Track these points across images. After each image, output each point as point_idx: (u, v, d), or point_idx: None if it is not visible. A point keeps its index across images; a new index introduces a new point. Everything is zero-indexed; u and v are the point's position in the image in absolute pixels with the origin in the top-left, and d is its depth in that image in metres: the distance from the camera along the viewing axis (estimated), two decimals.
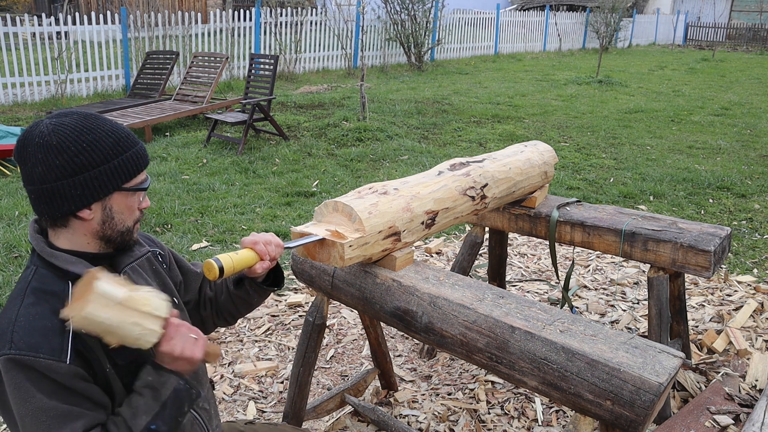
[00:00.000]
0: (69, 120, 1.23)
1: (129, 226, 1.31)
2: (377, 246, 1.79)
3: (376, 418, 2.46)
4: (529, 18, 19.27)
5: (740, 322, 3.25)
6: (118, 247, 1.33)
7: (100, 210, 1.26)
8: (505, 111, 9.40)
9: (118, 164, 1.25)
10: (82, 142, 1.21)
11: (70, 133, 1.21)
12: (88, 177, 1.22)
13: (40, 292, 1.22)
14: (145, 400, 1.22)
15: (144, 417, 1.21)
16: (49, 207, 1.23)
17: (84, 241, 1.28)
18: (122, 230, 1.30)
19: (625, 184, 5.81)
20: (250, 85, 7.53)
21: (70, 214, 1.24)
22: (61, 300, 1.21)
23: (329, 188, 5.63)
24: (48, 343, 1.17)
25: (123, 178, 1.26)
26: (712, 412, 2.44)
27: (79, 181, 1.21)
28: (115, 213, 1.28)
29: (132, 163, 1.27)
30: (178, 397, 1.25)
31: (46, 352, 1.15)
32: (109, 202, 1.26)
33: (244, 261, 1.42)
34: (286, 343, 3.18)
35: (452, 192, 2.06)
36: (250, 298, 1.56)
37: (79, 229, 1.27)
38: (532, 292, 3.77)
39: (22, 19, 10.08)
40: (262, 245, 1.44)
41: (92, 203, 1.24)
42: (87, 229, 1.27)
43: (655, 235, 2.36)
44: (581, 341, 1.50)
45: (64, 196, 1.21)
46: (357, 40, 13.92)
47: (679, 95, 11.39)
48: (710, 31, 25.81)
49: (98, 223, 1.27)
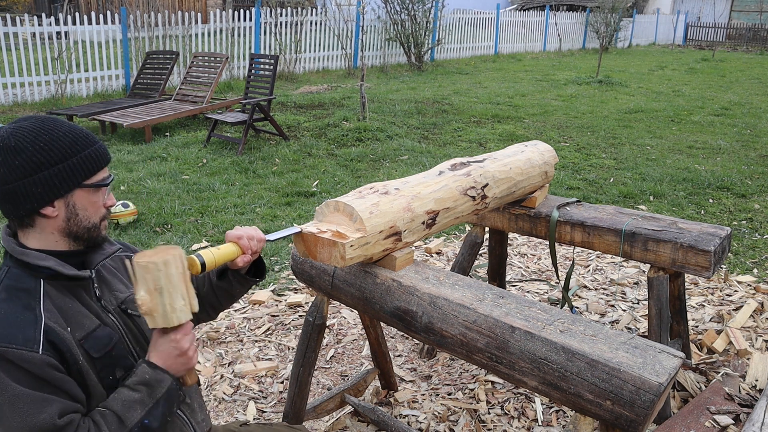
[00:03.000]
0: (27, 123, 1.29)
1: (95, 222, 1.36)
2: (378, 246, 1.79)
3: (376, 418, 2.46)
4: (529, 18, 19.27)
5: (740, 322, 3.25)
6: (87, 244, 1.37)
7: (64, 207, 1.30)
8: (505, 111, 9.40)
9: (77, 162, 1.30)
10: (40, 142, 1.27)
11: (28, 134, 1.27)
12: (47, 175, 1.27)
13: (12, 288, 1.27)
14: (140, 395, 1.27)
15: (139, 411, 1.25)
16: (14, 206, 1.28)
17: (52, 239, 1.32)
18: (88, 226, 1.35)
19: (625, 184, 5.81)
20: (250, 85, 7.53)
21: (34, 213, 1.29)
22: (33, 296, 1.26)
23: (329, 188, 5.63)
24: (21, 334, 1.20)
25: (83, 175, 1.31)
26: (712, 412, 2.44)
27: (39, 179, 1.26)
28: (79, 210, 1.32)
29: (91, 160, 1.32)
30: (170, 397, 1.30)
31: (18, 343, 1.19)
32: (71, 199, 1.31)
33: (226, 255, 1.46)
34: (286, 343, 3.18)
35: (453, 192, 2.06)
36: (233, 289, 1.60)
37: (46, 227, 1.31)
38: (532, 292, 3.77)
39: (22, 19, 10.08)
40: (245, 240, 1.49)
41: (54, 200, 1.29)
42: (53, 226, 1.31)
43: (655, 235, 2.36)
44: (581, 341, 1.50)
45: (26, 195, 1.26)
46: (357, 40, 13.92)
47: (679, 95, 11.39)
48: (710, 31, 25.81)
49: (63, 220, 1.31)
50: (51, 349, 1.22)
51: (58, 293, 1.30)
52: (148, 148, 6.92)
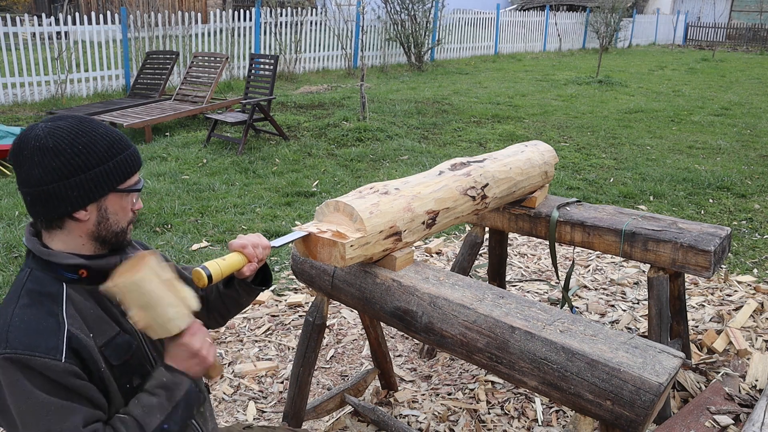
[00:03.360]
0: (64, 123, 1.25)
1: (123, 226, 1.33)
2: (378, 246, 1.79)
3: (376, 418, 2.46)
4: (529, 18, 19.27)
5: (740, 322, 3.25)
6: (112, 248, 1.34)
7: (96, 211, 1.28)
8: (505, 111, 9.40)
9: (113, 166, 1.27)
10: (78, 144, 1.24)
11: (66, 135, 1.23)
12: (84, 179, 1.24)
13: (35, 293, 1.24)
14: (158, 399, 1.25)
15: (158, 416, 1.24)
16: (46, 209, 1.25)
17: (79, 242, 1.30)
18: (117, 231, 1.32)
19: (625, 184, 5.81)
20: (250, 85, 7.53)
21: (67, 216, 1.26)
22: (56, 301, 1.23)
23: (329, 188, 5.63)
24: (44, 342, 1.18)
25: (118, 180, 1.28)
26: (712, 412, 2.44)
27: (76, 183, 1.23)
28: (110, 214, 1.30)
29: (126, 165, 1.30)
30: (190, 399, 1.28)
31: (41, 351, 1.17)
32: (104, 203, 1.28)
33: (232, 266, 1.44)
34: (286, 343, 3.18)
35: (453, 192, 2.06)
36: (240, 297, 1.58)
37: (75, 230, 1.28)
38: (532, 292, 3.77)
39: (22, 19, 10.08)
40: (250, 248, 1.46)
41: (88, 204, 1.26)
42: (82, 230, 1.29)
43: (655, 235, 2.36)
44: (581, 341, 1.50)
45: (61, 198, 1.23)
46: (357, 40, 13.92)
47: (679, 95, 11.39)
48: (710, 31, 25.81)
49: (94, 224, 1.29)
50: (74, 357, 1.20)
51: (80, 298, 1.27)
52: (148, 148, 6.92)
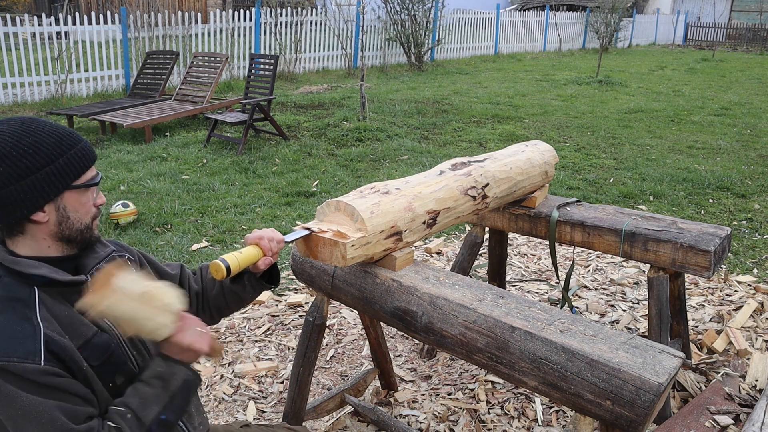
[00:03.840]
0: (6, 127, 1.23)
1: (87, 223, 1.31)
2: (379, 246, 1.79)
3: (376, 418, 2.46)
4: (529, 18, 19.27)
5: (740, 322, 3.25)
6: (80, 247, 1.33)
7: (54, 211, 1.26)
8: (505, 111, 9.40)
9: (64, 163, 1.25)
10: (23, 146, 1.21)
11: (9, 139, 1.21)
12: (34, 179, 1.22)
13: (6, 299, 1.22)
14: (154, 390, 1.25)
15: (155, 407, 1.23)
16: (2, 215, 1.22)
17: (44, 245, 1.28)
18: (81, 228, 1.30)
19: (625, 184, 5.81)
20: (250, 85, 7.53)
21: (24, 219, 1.24)
22: (28, 305, 1.21)
23: (329, 188, 5.63)
24: (20, 347, 1.16)
25: (71, 176, 1.26)
26: (712, 412, 2.44)
27: (27, 185, 1.21)
28: (70, 212, 1.28)
29: (78, 160, 1.27)
30: (186, 387, 1.29)
31: (19, 356, 1.15)
32: (61, 201, 1.26)
33: (249, 258, 1.45)
34: (286, 343, 3.18)
35: (453, 192, 2.06)
36: (245, 293, 1.58)
37: (37, 233, 1.26)
38: (532, 292, 3.77)
39: (22, 19, 10.08)
40: (266, 241, 1.48)
41: (44, 205, 1.24)
42: (45, 232, 1.27)
43: (655, 235, 2.36)
44: (581, 341, 1.50)
45: (15, 202, 1.21)
46: (357, 40, 13.92)
47: (679, 95, 11.39)
48: (710, 31, 25.81)
49: (55, 225, 1.27)
50: (53, 360, 1.19)
51: (53, 300, 1.25)
52: (148, 148, 6.92)
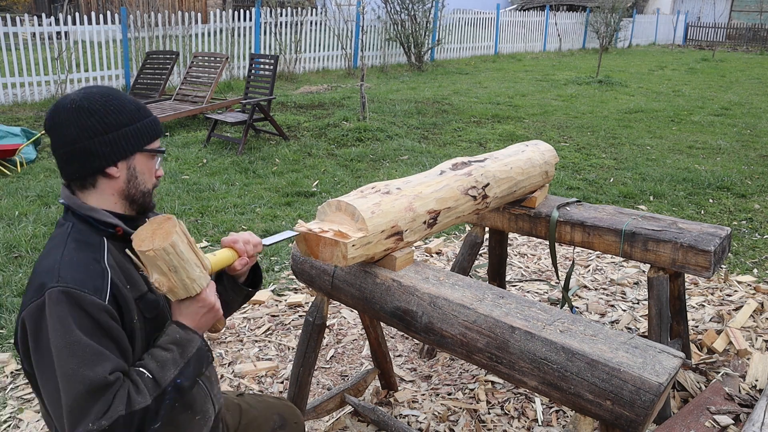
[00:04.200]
0: (96, 89, 1.40)
1: (149, 188, 1.45)
2: (380, 245, 1.79)
3: (376, 418, 2.46)
4: (529, 18, 19.27)
5: (740, 322, 3.25)
6: (139, 210, 1.45)
7: (126, 169, 1.39)
8: (505, 111, 9.40)
9: (141, 127, 1.40)
10: (110, 106, 1.37)
11: (99, 98, 1.37)
12: (116, 136, 1.36)
13: (80, 242, 1.34)
14: (172, 355, 1.32)
15: (172, 370, 1.30)
16: (82, 165, 1.35)
17: (111, 201, 1.40)
18: (144, 191, 1.43)
19: (625, 184, 5.81)
20: (250, 85, 7.52)
21: (100, 172, 1.37)
22: (99, 251, 1.34)
23: (329, 188, 5.63)
24: (91, 281, 1.28)
25: (145, 140, 1.41)
26: (712, 412, 2.44)
27: (109, 140, 1.35)
28: (138, 173, 1.41)
29: (152, 127, 1.43)
30: (200, 356, 1.36)
31: (90, 289, 1.26)
32: (133, 162, 1.40)
33: (222, 261, 1.48)
34: (286, 343, 3.18)
35: (454, 191, 2.06)
36: (228, 296, 1.61)
37: (107, 188, 1.39)
38: (532, 292, 3.77)
39: (22, 19, 10.08)
40: (241, 244, 1.52)
41: (119, 161, 1.37)
42: (114, 188, 1.39)
43: (655, 235, 2.36)
44: (581, 341, 1.50)
45: (96, 154, 1.35)
46: (357, 40, 13.92)
47: (679, 95, 11.39)
48: (710, 31, 25.81)
49: (124, 182, 1.40)
50: (114, 302, 1.30)
51: (117, 252, 1.37)
52: None
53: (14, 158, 6.08)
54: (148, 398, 1.25)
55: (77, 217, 1.37)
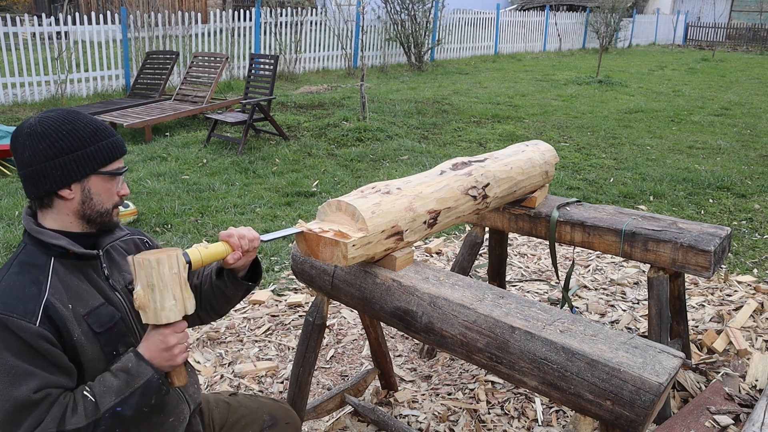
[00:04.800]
0: (53, 114, 1.42)
1: (108, 208, 1.47)
2: (380, 245, 1.79)
3: (376, 418, 2.46)
4: (529, 18, 19.27)
5: (740, 322, 3.25)
6: (99, 228, 1.48)
7: (80, 191, 1.42)
8: (505, 111, 9.40)
9: (95, 150, 1.42)
10: (62, 130, 1.39)
11: (53, 123, 1.40)
12: (67, 160, 1.39)
13: (24, 264, 1.39)
14: (118, 382, 1.33)
15: (113, 398, 1.31)
16: (35, 187, 1.40)
17: (68, 220, 1.44)
18: (101, 211, 1.46)
19: (625, 184, 5.82)
20: (250, 85, 7.52)
21: (53, 194, 1.40)
22: (42, 272, 1.38)
23: (329, 188, 5.63)
24: (22, 305, 1.31)
25: (99, 163, 1.43)
26: (712, 412, 2.44)
27: (60, 163, 1.38)
28: (93, 194, 1.43)
29: (107, 150, 1.44)
30: (148, 389, 1.34)
31: (19, 313, 1.30)
32: (87, 184, 1.42)
33: (215, 254, 1.48)
34: (286, 343, 3.18)
35: (454, 191, 2.06)
36: (227, 290, 1.63)
37: (63, 208, 1.42)
38: (532, 292, 3.77)
39: (22, 19, 10.07)
40: (235, 238, 1.53)
41: (71, 183, 1.40)
42: (69, 208, 1.42)
43: (655, 235, 2.36)
44: (581, 341, 1.50)
45: (47, 176, 1.38)
46: (357, 40, 13.92)
47: (679, 95, 11.39)
48: (710, 31, 25.81)
49: (78, 203, 1.42)
50: (48, 323, 1.32)
51: (66, 271, 1.41)
52: (148, 148, 6.92)
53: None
54: (83, 420, 1.28)
55: (30, 238, 1.42)
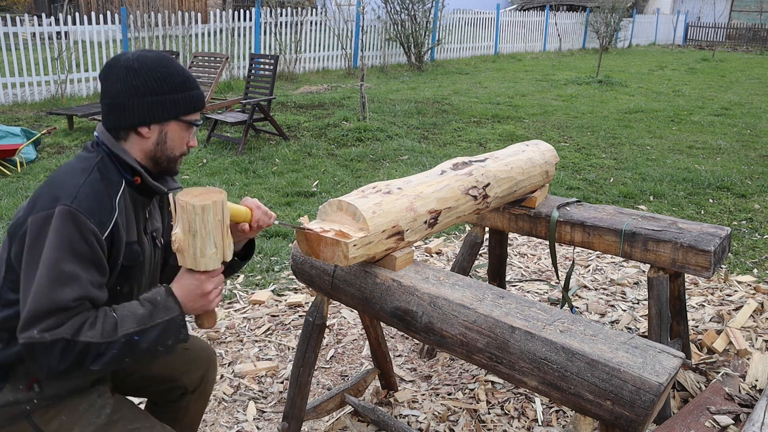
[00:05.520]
0: (151, 54, 1.50)
1: (176, 155, 1.54)
2: (381, 245, 1.79)
3: (376, 418, 2.46)
4: (529, 18, 19.27)
5: (740, 322, 3.25)
6: (161, 172, 1.55)
7: (158, 132, 1.49)
8: (505, 111, 9.40)
9: (181, 98, 1.49)
10: (158, 72, 1.46)
11: (150, 63, 1.46)
12: (155, 100, 1.45)
13: (104, 174, 1.44)
14: (143, 312, 1.35)
15: (134, 325, 1.33)
16: (117, 118, 1.46)
17: (138, 156, 1.50)
18: (171, 156, 1.52)
19: (625, 184, 5.81)
20: (250, 85, 7.52)
21: (132, 129, 1.47)
22: (116, 190, 1.44)
23: (329, 188, 5.63)
24: (99, 215, 1.37)
25: (182, 111, 1.50)
26: (712, 412, 2.44)
27: (147, 102, 1.45)
28: (168, 139, 1.50)
29: (192, 101, 1.52)
30: (169, 328, 1.36)
31: (96, 220, 1.36)
32: (166, 127, 1.49)
33: (236, 215, 1.51)
34: (286, 343, 3.18)
35: (455, 191, 2.06)
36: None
37: (136, 144, 1.49)
38: (532, 292, 3.77)
39: (22, 19, 10.07)
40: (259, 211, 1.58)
41: (152, 123, 1.47)
42: (142, 146, 1.49)
43: (655, 235, 2.36)
44: (581, 341, 1.50)
45: (132, 111, 1.45)
46: (357, 40, 13.92)
47: (679, 95, 11.39)
48: (710, 31, 25.81)
49: (153, 144, 1.49)
50: (110, 240, 1.40)
51: (128, 198, 1.48)
52: None
53: (14, 158, 6.08)
54: (98, 336, 1.29)
55: (107, 153, 1.47)
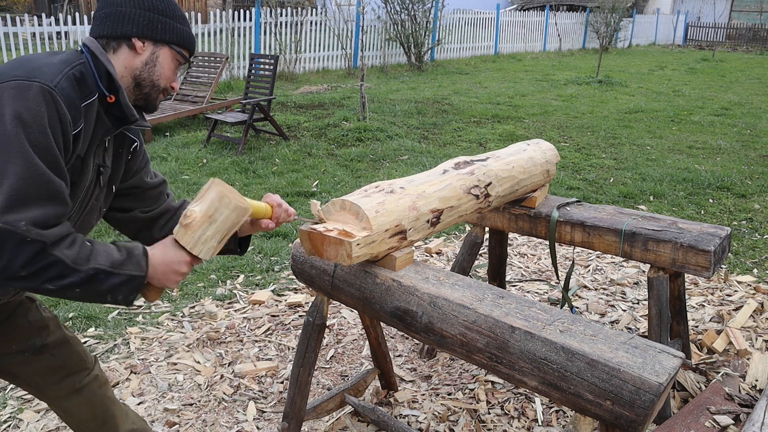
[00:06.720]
0: None
1: (160, 84, 1.51)
2: (384, 244, 1.79)
3: (376, 418, 2.46)
4: (529, 18, 19.27)
5: (740, 322, 3.25)
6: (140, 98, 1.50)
7: (150, 52, 1.47)
8: (505, 111, 9.40)
9: (180, 28, 1.51)
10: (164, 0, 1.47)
11: None
12: (157, 17, 1.46)
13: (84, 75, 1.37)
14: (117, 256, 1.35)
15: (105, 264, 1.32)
16: (114, 25, 1.44)
17: (123, 73, 1.46)
18: (155, 82, 1.49)
19: (625, 184, 5.81)
20: (250, 85, 7.52)
21: (127, 39, 1.44)
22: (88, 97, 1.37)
23: (329, 188, 5.63)
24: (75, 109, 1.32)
25: (178, 39, 1.50)
26: (712, 412, 2.44)
27: (149, 16, 1.45)
28: (158, 63, 1.48)
29: (188, 37, 1.53)
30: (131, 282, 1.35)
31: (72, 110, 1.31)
32: (159, 50, 1.48)
33: (257, 212, 1.53)
34: (286, 343, 3.18)
35: (457, 191, 2.06)
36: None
37: (124, 60, 1.46)
38: (532, 292, 3.77)
39: (22, 19, 10.08)
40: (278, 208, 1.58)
41: (148, 39, 1.46)
42: (130, 62, 1.46)
43: (655, 235, 2.36)
44: (581, 341, 1.50)
45: (132, 21, 1.44)
46: (357, 40, 13.92)
47: (679, 95, 11.39)
48: (710, 31, 25.81)
49: (142, 63, 1.47)
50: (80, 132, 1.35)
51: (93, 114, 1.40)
52: (148, 148, 6.92)
53: None
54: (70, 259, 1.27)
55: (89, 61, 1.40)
